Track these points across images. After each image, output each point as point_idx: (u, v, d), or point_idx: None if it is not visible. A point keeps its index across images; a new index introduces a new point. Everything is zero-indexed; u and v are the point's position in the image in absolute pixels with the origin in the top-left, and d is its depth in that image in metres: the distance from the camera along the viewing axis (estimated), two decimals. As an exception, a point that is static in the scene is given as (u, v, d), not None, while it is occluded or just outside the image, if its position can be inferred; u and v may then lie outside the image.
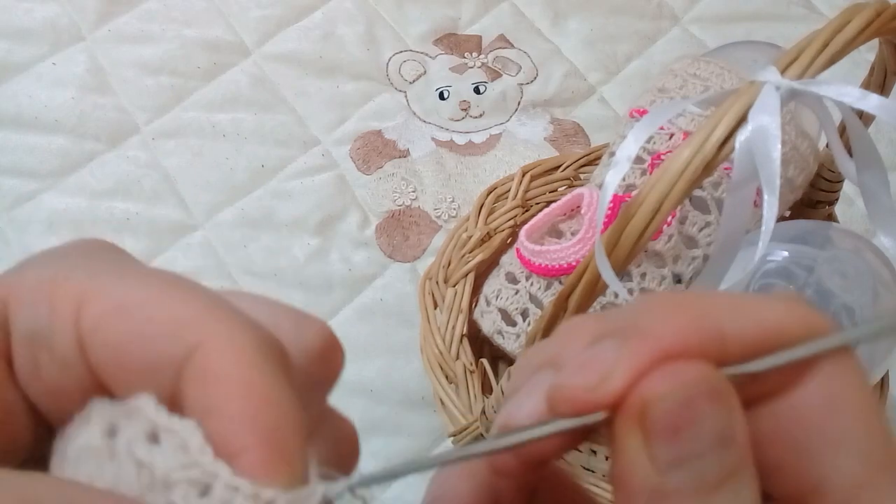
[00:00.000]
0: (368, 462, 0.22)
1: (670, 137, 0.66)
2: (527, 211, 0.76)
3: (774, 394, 0.23)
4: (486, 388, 0.68)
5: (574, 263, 0.64)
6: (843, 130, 0.54)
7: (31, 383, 0.23)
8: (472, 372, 0.68)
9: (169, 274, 0.24)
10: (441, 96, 0.95)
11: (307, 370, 0.25)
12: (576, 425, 0.22)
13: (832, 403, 0.22)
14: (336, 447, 0.27)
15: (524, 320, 0.67)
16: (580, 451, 0.67)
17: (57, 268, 0.23)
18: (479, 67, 0.97)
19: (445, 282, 0.73)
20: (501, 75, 0.97)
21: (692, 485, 0.21)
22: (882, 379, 0.67)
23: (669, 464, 0.21)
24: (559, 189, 0.78)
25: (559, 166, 0.78)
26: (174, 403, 0.22)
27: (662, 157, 0.65)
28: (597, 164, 0.76)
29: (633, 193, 0.41)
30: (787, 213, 0.72)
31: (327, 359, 0.26)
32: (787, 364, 0.22)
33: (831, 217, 0.74)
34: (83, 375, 0.22)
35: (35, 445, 0.24)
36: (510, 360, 0.69)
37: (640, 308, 0.23)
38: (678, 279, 0.65)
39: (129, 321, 0.22)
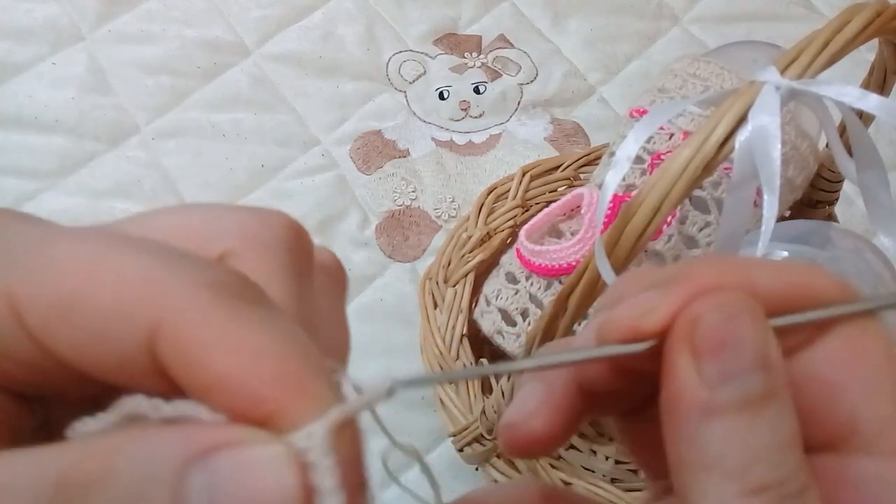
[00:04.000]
0: (368, 462, 0.22)
1: (670, 137, 0.65)
2: (527, 211, 0.76)
3: (800, 348, 0.24)
4: (486, 388, 0.68)
5: (574, 263, 0.64)
6: (843, 130, 0.53)
7: None
8: None
9: (89, 236, 0.22)
10: (441, 96, 0.95)
11: (286, 263, 0.25)
12: (625, 352, 0.24)
13: (858, 353, 0.24)
14: (332, 281, 0.28)
15: (524, 320, 0.67)
16: (580, 452, 0.67)
17: None
18: (479, 67, 0.97)
19: (445, 282, 0.73)
20: (501, 75, 0.97)
21: (740, 400, 0.22)
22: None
23: (718, 379, 0.22)
24: (559, 189, 0.77)
25: (559, 166, 0.78)
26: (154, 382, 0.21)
27: (662, 157, 0.65)
28: (597, 164, 0.76)
29: (633, 193, 0.40)
30: (787, 213, 0.72)
31: (299, 247, 0.26)
32: (814, 321, 0.24)
33: (831, 217, 0.73)
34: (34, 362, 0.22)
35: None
36: (510, 361, 0.69)
37: (683, 264, 0.25)
38: None
39: (78, 318, 0.21)
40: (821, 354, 0.24)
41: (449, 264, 0.73)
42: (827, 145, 0.65)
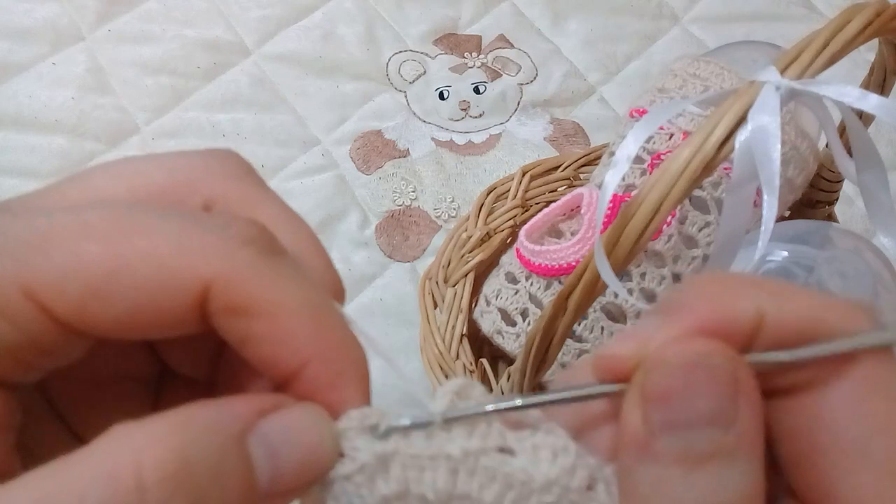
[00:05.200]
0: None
1: (670, 137, 0.65)
2: (526, 211, 0.76)
3: (807, 387, 0.23)
4: (486, 388, 0.67)
5: (574, 263, 0.64)
6: (842, 130, 0.53)
7: None
8: (471, 372, 0.67)
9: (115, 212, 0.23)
10: (441, 96, 0.95)
11: (264, 184, 0.28)
12: (600, 394, 0.24)
13: (859, 409, 0.22)
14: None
15: (524, 320, 0.67)
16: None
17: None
18: (479, 67, 0.97)
19: (445, 282, 0.72)
20: (501, 75, 0.97)
21: (678, 453, 0.22)
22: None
23: (660, 426, 0.22)
24: (559, 189, 0.77)
25: (559, 166, 0.78)
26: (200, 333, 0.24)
27: (662, 156, 0.65)
28: (596, 164, 0.76)
29: (633, 193, 0.40)
30: (787, 213, 0.72)
31: (245, 185, 0.27)
32: (817, 357, 0.22)
33: (831, 217, 0.73)
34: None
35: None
36: (510, 360, 0.69)
37: (693, 282, 0.24)
38: (678, 279, 0.64)
39: (117, 294, 0.22)
40: (823, 400, 0.23)
41: (449, 264, 0.73)
42: (827, 145, 0.64)
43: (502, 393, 0.57)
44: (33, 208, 0.24)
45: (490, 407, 0.24)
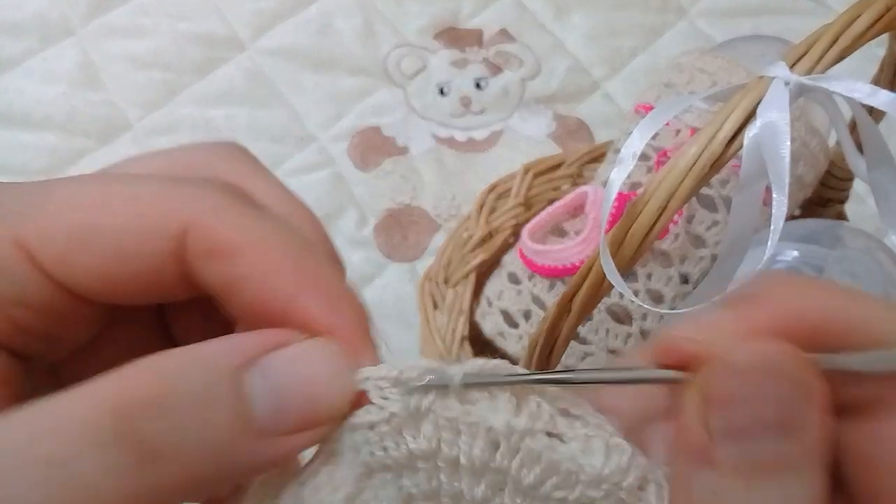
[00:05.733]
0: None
1: (677, 134, 0.65)
2: (529, 209, 0.75)
3: (872, 409, 0.22)
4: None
5: (578, 263, 0.64)
6: (853, 127, 0.53)
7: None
8: None
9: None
10: (441, 92, 0.94)
11: (263, 167, 0.29)
12: (658, 378, 0.23)
13: None
14: None
15: (527, 322, 0.67)
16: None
17: None
18: (481, 62, 0.97)
19: (446, 282, 0.72)
20: (503, 70, 0.96)
21: (740, 463, 0.21)
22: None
23: (722, 433, 0.21)
24: (562, 187, 0.77)
25: (562, 164, 0.78)
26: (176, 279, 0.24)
27: (669, 154, 0.65)
28: (601, 161, 0.76)
29: (639, 191, 0.40)
30: (797, 212, 0.72)
31: (243, 168, 0.28)
32: (889, 370, 0.21)
33: (841, 215, 0.73)
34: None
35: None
36: (512, 363, 0.68)
37: (763, 279, 0.24)
38: (685, 279, 0.64)
39: (98, 243, 0.23)
40: (888, 428, 0.21)
41: (449, 264, 0.73)
42: (837, 142, 0.64)
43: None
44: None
45: (516, 376, 0.24)
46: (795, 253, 0.61)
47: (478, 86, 0.95)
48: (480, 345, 0.70)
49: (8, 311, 0.23)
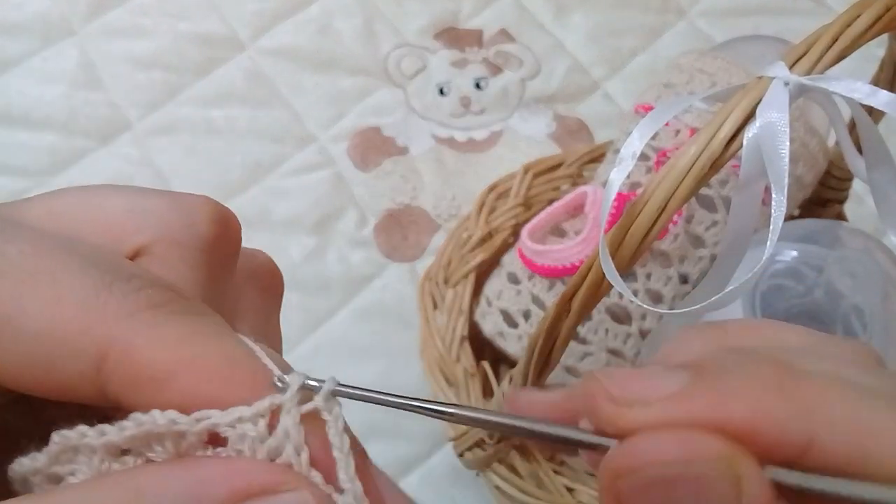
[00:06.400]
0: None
1: (676, 134, 0.65)
2: (529, 209, 0.75)
3: None
4: (488, 392, 0.67)
5: (577, 263, 0.64)
6: (852, 127, 0.53)
7: None
8: (472, 375, 0.67)
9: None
10: (441, 92, 0.94)
11: (202, 263, 0.25)
12: (585, 440, 0.22)
13: None
14: (260, 290, 0.29)
15: (526, 321, 0.67)
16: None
17: None
18: (480, 62, 0.96)
19: (445, 282, 0.72)
20: (503, 70, 0.96)
21: None
22: None
23: None
24: (562, 187, 0.77)
25: (562, 164, 0.78)
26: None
27: (668, 154, 0.64)
28: (601, 162, 0.76)
29: (638, 191, 0.40)
30: (797, 212, 0.72)
31: (222, 242, 0.25)
32: (852, 499, 0.19)
33: (841, 216, 0.73)
34: None
35: None
36: (512, 363, 0.68)
37: (747, 361, 0.21)
38: (685, 279, 0.64)
39: (12, 343, 0.20)
40: None
41: (449, 264, 0.73)
42: (836, 142, 0.64)
43: (503, 396, 0.56)
44: None
45: (388, 396, 0.23)
46: (794, 253, 0.61)
47: (478, 86, 0.94)
48: (480, 345, 0.70)
49: None
